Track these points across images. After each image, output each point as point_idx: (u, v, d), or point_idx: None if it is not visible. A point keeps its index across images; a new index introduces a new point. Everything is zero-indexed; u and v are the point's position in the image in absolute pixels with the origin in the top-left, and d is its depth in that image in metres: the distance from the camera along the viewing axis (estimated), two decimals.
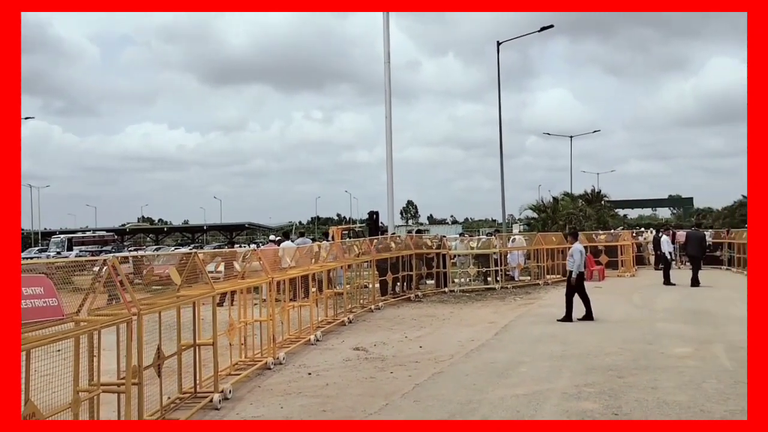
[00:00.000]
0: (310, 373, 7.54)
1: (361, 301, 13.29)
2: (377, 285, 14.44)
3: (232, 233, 72.04)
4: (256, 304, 8.94)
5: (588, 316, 10.97)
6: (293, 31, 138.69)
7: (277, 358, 8.07)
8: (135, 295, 5.05)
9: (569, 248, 12.49)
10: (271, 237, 19.01)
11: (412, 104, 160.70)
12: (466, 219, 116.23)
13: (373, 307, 13.22)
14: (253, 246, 28.73)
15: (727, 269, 22.17)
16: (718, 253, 23.53)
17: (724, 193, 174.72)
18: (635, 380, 6.56)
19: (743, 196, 42.67)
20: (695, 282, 16.35)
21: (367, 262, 13.90)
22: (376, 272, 14.35)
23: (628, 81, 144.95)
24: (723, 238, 23.83)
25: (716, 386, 6.23)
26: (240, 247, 31.86)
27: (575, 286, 11.19)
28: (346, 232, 30.33)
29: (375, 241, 15.12)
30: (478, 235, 31.31)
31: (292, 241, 17.37)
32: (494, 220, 78.43)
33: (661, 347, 8.33)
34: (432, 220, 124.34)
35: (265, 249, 11.99)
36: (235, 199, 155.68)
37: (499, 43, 24.79)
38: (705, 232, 23.98)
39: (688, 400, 5.78)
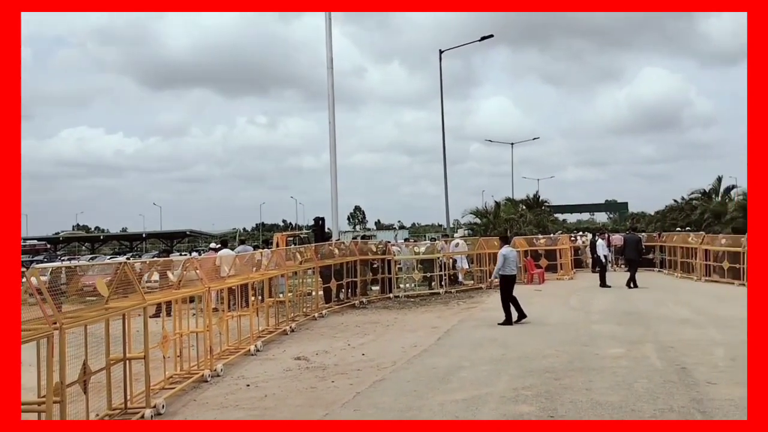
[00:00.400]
0: (248, 385, 7.36)
1: (305, 309, 13.12)
2: (321, 292, 14.31)
3: (172, 241, 70.01)
4: (194, 315, 8.67)
5: (520, 317, 11.28)
6: (236, 33, 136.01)
7: (215, 370, 7.84)
8: (56, 309, 4.78)
9: None
10: (212, 245, 18.54)
11: (359, 110, 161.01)
12: (414, 224, 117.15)
13: (316, 315, 13.07)
14: (194, 254, 28.02)
15: (659, 271, 23.12)
16: (650, 256, 24.52)
17: (656, 197, 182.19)
18: (571, 382, 6.71)
19: (675, 201, 44.72)
20: (634, 284, 16.96)
21: (310, 269, 13.75)
22: (320, 279, 14.22)
23: (565, 90, 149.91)
24: (655, 241, 24.85)
25: (647, 386, 6.44)
26: (180, 255, 30.93)
27: (504, 289, 11.46)
28: (291, 238, 29.95)
29: (318, 247, 14.98)
30: (424, 240, 31.57)
31: (232, 249, 17.02)
32: (440, 225, 79.32)
33: (596, 348, 8.57)
34: (380, 226, 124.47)
35: (204, 257, 11.67)
36: (176, 206, 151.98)
37: (441, 52, 25.20)
38: (640, 236, 25.01)
39: (620, 400, 5.94)
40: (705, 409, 5.51)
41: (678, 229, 32.47)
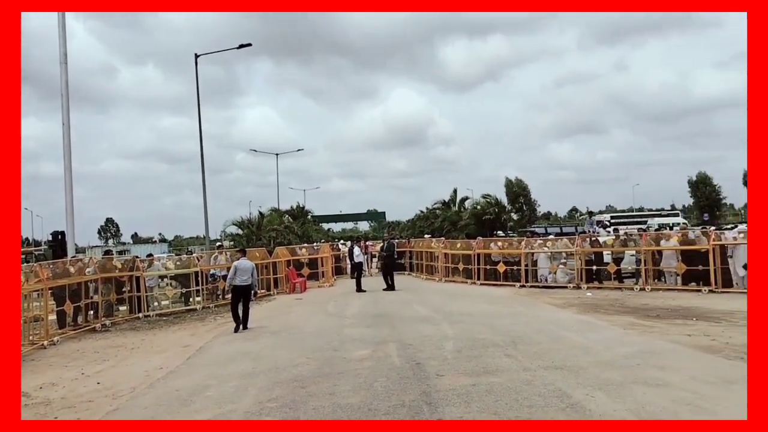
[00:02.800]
0: None
1: (31, 337, 11.37)
2: (52, 317, 12.55)
3: None
4: None
5: (243, 326, 12.08)
6: None
7: None
8: None
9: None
10: None
11: (108, 112, 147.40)
12: (176, 236, 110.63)
13: (46, 343, 11.42)
14: None
15: (408, 274, 25.21)
16: (402, 261, 26.62)
17: (409, 207, 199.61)
18: (317, 389, 6.82)
19: (420, 211, 49.36)
20: (391, 287, 18.18)
21: (37, 291, 11.98)
22: (52, 302, 12.47)
23: (326, 105, 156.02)
24: (406, 246, 27.07)
25: (385, 384, 6.83)
26: None
27: (231, 299, 12.41)
28: (23, 256, 25.94)
29: (50, 265, 13.15)
30: (189, 253, 29.88)
31: None
32: (204, 237, 76.08)
33: (344, 352, 8.89)
34: (137, 239, 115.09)
35: None
36: None
37: (197, 56, 24.23)
38: (395, 242, 27.02)
39: (360, 401, 6.20)
40: (431, 401, 6.01)
41: (427, 235, 35.89)
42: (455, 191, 47.05)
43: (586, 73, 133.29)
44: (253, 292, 12.56)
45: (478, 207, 39.24)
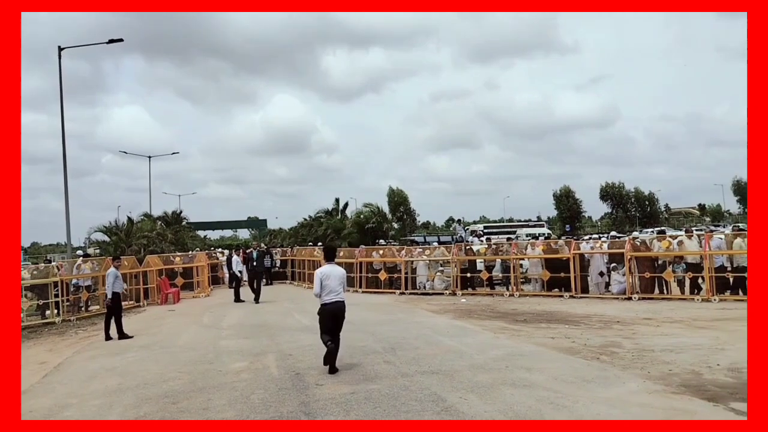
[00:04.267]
0: None
1: None
2: None
3: None
4: None
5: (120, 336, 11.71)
6: None
7: None
8: None
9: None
10: None
11: None
12: (33, 243, 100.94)
13: None
14: None
15: (291, 283, 24.89)
16: (284, 270, 26.23)
17: (291, 215, 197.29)
18: (189, 404, 6.49)
19: (303, 219, 49.02)
20: (256, 299, 17.65)
21: None
22: None
23: (203, 108, 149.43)
24: (288, 255, 26.72)
25: (263, 396, 6.66)
26: None
27: (115, 309, 12.04)
28: None
29: None
30: (47, 262, 27.31)
31: None
32: (66, 244, 70.14)
33: (220, 365, 8.56)
34: None
35: None
36: None
37: (60, 49, 22.38)
38: (273, 250, 26.56)
39: (236, 414, 6.00)
40: (310, 411, 5.95)
41: (310, 243, 35.67)
42: (338, 200, 47.29)
43: (460, 89, 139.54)
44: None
45: (361, 216, 39.68)
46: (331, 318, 7.77)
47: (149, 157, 46.39)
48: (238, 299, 18.00)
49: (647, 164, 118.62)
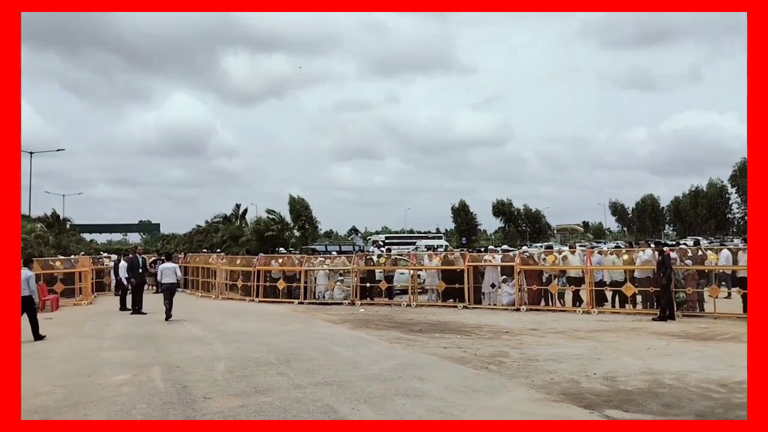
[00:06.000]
0: None
1: None
2: None
3: None
4: None
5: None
6: None
7: None
8: None
9: None
10: None
11: None
12: None
13: None
14: None
15: (183, 291, 23.83)
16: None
17: (186, 219, 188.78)
18: (62, 420, 6.01)
19: (198, 225, 47.23)
20: (135, 306, 16.50)
21: None
22: None
23: (92, 103, 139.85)
24: (181, 262, 25.60)
25: (145, 410, 6.30)
26: None
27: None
28: None
29: None
30: None
31: None
32: None
33: (100, 378, 8.01)
34: None
35: None
36: None
37: None
38: (139, 258, 25.18)
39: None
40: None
41: (205, 250, 34.42)
42: (238, 206, 46.08)
43: (363, 101, 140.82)
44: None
45: (261, 223, 38.85)
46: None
47: (30, 153, 43.05)
48: (123, 308, 16.98)
49: (537, 182, 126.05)
